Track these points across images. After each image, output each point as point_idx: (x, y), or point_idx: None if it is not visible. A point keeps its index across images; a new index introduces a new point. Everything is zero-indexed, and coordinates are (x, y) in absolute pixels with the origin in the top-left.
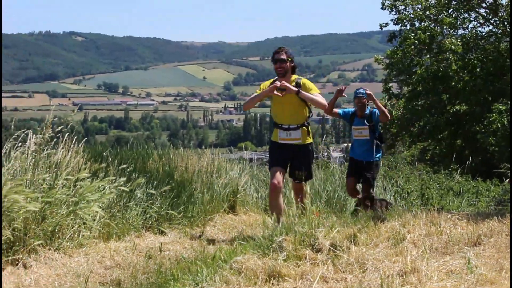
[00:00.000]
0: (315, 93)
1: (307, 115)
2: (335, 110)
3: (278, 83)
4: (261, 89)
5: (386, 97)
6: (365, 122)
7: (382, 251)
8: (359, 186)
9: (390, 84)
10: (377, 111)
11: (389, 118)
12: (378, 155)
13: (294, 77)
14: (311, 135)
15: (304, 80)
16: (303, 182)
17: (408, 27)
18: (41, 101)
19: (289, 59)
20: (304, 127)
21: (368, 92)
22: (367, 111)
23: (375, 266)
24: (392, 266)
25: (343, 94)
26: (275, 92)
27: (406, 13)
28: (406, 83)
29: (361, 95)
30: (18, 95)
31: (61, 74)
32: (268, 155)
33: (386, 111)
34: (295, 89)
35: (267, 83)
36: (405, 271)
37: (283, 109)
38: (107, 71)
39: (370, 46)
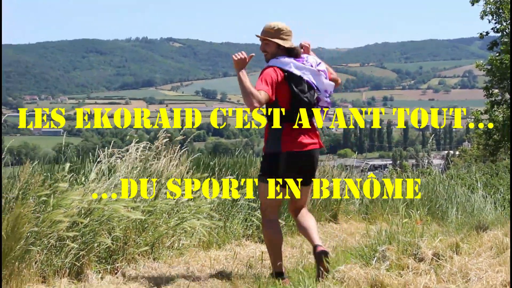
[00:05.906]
0: None
1: None
2: None
3: None
4: None
5: (489, 104)
6: None
7: (485, 260)
8: None
9: (492, 91)
10: None
11: None
12: None
13: None
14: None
15: None
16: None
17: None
18: (138, 108)
19: None
20: None
21: None
22: None
23: (478, 276)
24: (495, 276)
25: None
26: None
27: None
28: (508, 89)
29: None
30: (115, 101)
31: (158, 80)
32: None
33: None
34: None
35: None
36: (508, 281)
37: None
38: (205, 78)
39: (470, 52)
